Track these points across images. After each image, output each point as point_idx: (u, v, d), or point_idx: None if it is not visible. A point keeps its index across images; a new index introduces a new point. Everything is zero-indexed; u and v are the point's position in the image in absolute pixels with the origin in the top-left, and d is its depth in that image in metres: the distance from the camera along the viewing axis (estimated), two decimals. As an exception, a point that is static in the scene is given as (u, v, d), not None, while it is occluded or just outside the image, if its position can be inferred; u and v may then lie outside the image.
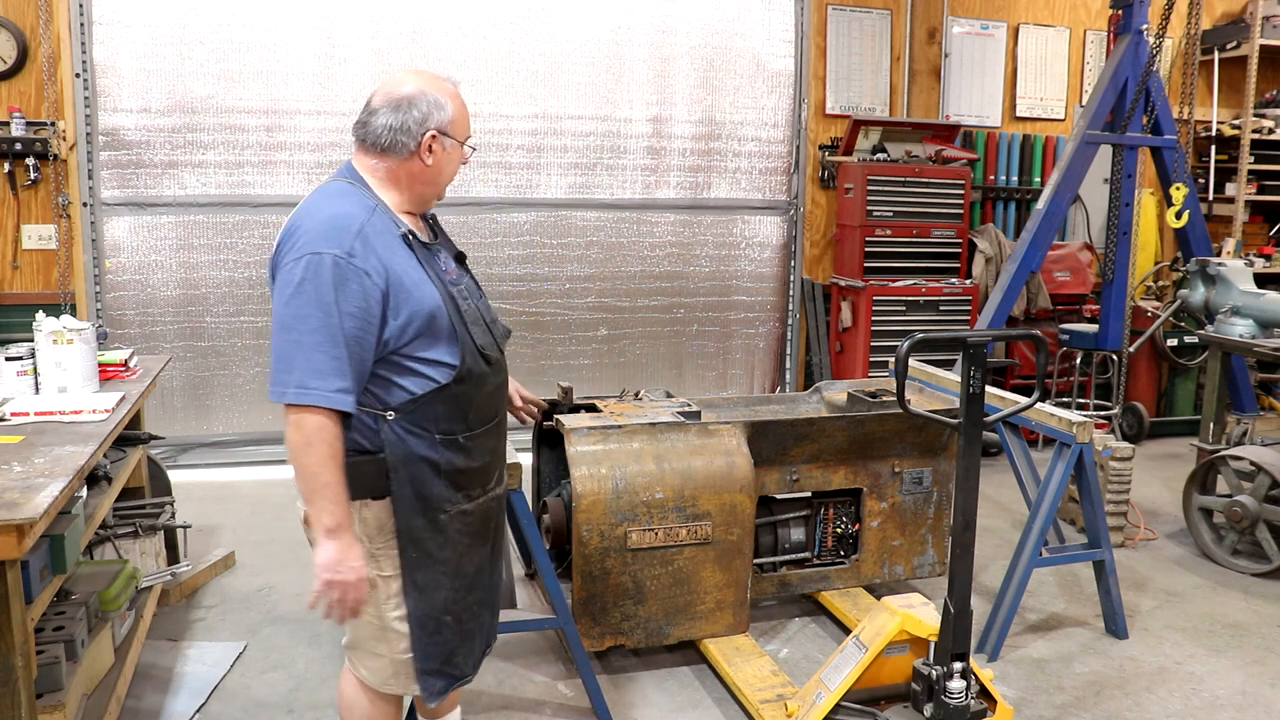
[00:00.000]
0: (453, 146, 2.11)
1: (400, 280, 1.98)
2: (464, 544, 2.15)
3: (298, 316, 1.91)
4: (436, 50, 5.52)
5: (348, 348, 1.92)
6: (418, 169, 2.08)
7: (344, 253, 1.92)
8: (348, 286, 1.91)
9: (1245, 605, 3.91)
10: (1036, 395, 2.58)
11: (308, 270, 1.92)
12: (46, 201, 5.05)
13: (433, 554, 2.10)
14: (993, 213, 6.55)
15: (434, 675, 2.15)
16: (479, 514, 2.18)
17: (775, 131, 6.20)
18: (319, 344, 1.90)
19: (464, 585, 2.17)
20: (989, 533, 4.61)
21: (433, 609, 2.12)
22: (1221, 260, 5.11)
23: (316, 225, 1.96)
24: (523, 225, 5.83)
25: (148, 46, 5.13)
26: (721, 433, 3.26)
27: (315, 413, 1.90)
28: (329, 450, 1.92)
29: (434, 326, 2.02)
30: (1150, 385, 6.54)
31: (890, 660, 2.60)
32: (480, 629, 2.26)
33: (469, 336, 2.08)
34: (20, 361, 2.89)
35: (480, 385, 2.11)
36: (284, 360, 1.92)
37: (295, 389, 1.89)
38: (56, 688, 2.53)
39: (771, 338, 6.43)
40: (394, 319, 1.98)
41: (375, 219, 2.01)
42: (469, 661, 2.23)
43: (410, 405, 2.02)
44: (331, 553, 1.95)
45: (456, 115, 2.10)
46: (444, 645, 2.15)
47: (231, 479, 5.28)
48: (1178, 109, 5.67)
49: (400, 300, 1.98)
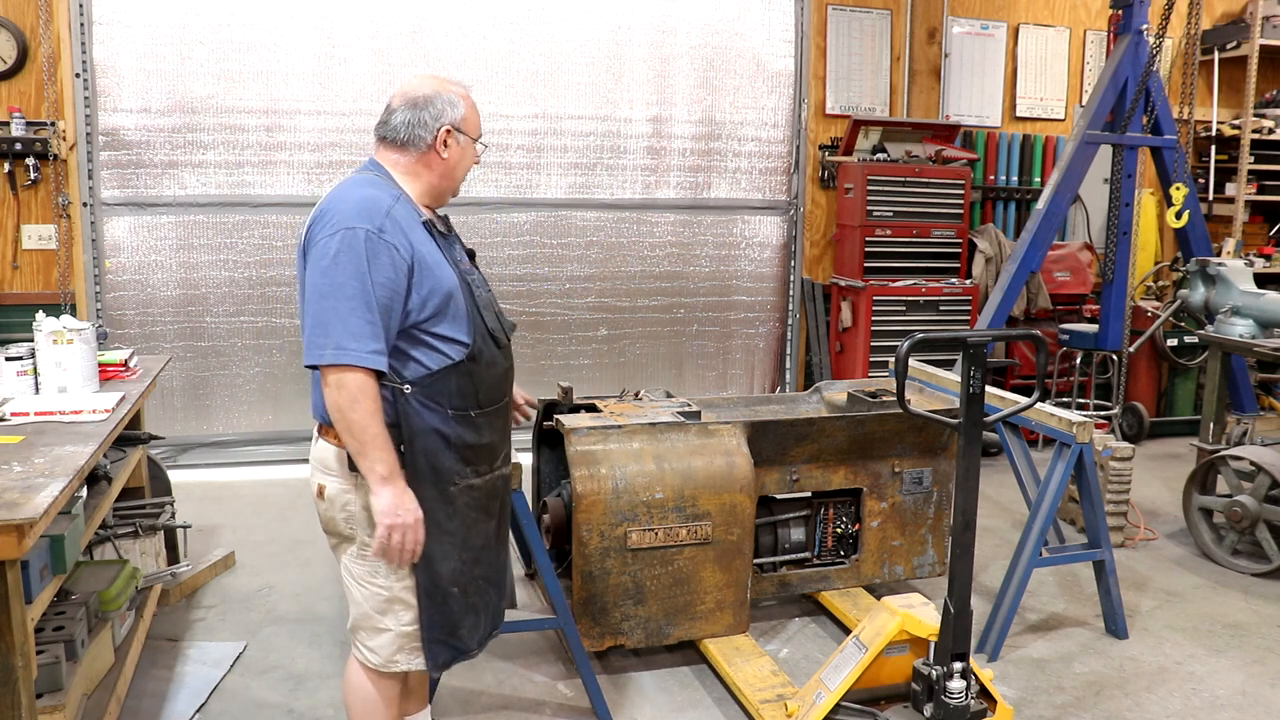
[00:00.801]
0: (466, 142, 2.27)
1: (424, 258, 2.12)
2: (471, 517, 2.27)
3: (334, 284, 2.03)
4: (436, 50, 5.52)
5: (380, 314, 2.04)
6: (434, 162, 2.24)
7: (375, 228, 2.06)
8: (379, 259, 2.05)
9: (1245, 605, 3.91)
10: (1036, 395, 2.58)
11: (343, 243, 2.04)
12: (46, 201, 5.05)
13: (442, 525, 2.20)
14: (993, 213, 6.55)
15: (440, 645, 2.26)
16: (486, 490, 2.30)
17: (775, 131, 6.20)
18: (354, 309, 2.02)
19: (470, 558, 2.28)
20: (989, 533, 4.61)
21: (440, 579, 2.22)
22: (1221, 260, 5.11)
23: (349, 206, 2.10)
24: (523, 225, 5.83)
25: (148, 46, 5.13)
26: (721, 433, 3.26)
27: (355, 371, 2.02)
28: (373, 404, 2.04)
29: (451, 305, 2.16)
30: (1150, 385, 6.54)
31: (890, 660, 2.60)
32: (485, 606, 2.35)
33: (481, 319, 2.22)
34: (20, 361, 2.89)
35: (491, 366, 2.25)
36: (321, 325, 2.04)
37: (334, 350, 2.01)
38: (56, 688, 2.53)
39: (771, 338, 6.43)
40: (417, 293, 2.11)
41: (400, 205, 2.15)
42: (473, 636, 2.32)
43: (427, 379, 2.14)
44: (389, 498, 2.07)
45: (469, 113, 2.28)
46: (450, 616, 2.25)
47: (231, 479, 5.28)
48: (1178, 109, 5.67)
49: (423, 276, 2.11)
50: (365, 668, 2.30)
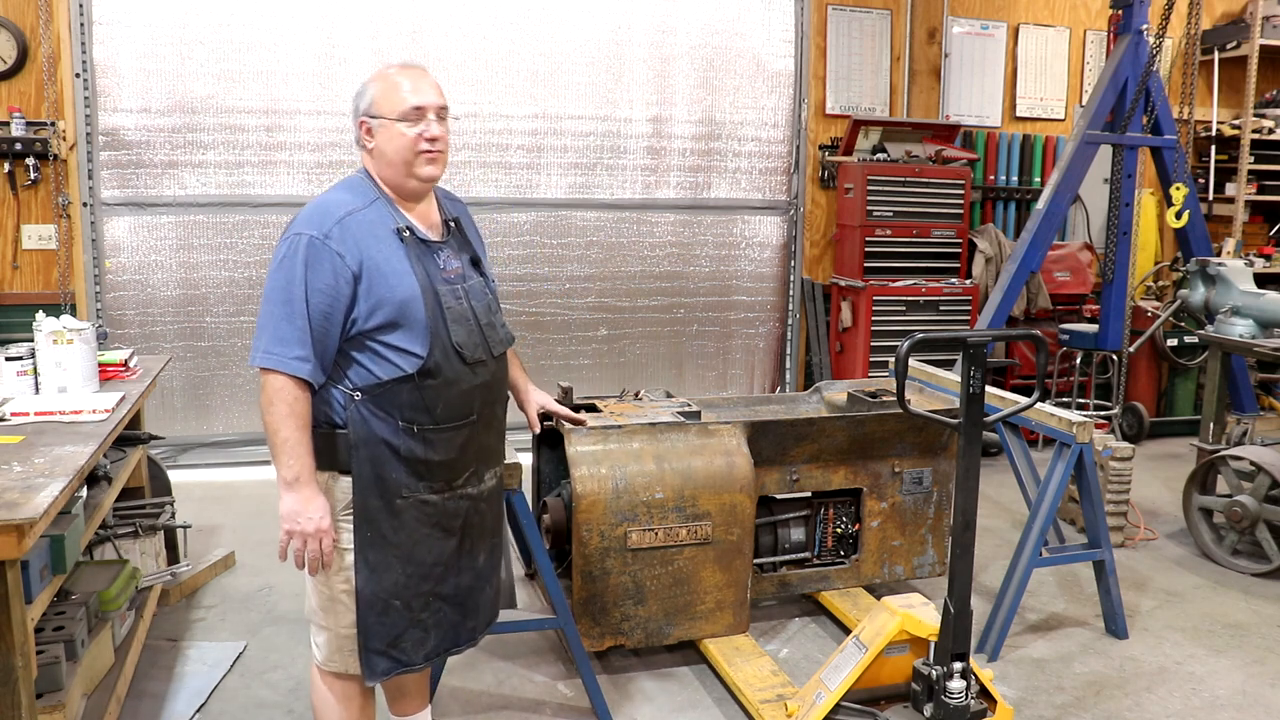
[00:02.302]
0: (386, 124, 2.17)
1: (377, 266, 2.11)
2: (421, 533, 2.21)
3: (273, 288, 2.10)
4: (436, 50, 5.52)
5: (312, 321, 2.07)
6: (374, 155, 2.22)
7: (321, 234, 2.09)
8: (320, 265, 2.08)
9: (1245, 605, 3.91)
10: (1036, 395, 2.58)
11: (289, 249, 2.10)
12: (46, 201, 5.05)
13: (386, 536, 2.18)
14: (993, 213, 6.55)
15: (379, 655, 2.22)
16: (442, 508, 2.24)
17: (775, 131, 6.20)
18: (286, 315, 2.07)
19: (418, 574, 2.22)
20: (989, 533, 4.61)
21: (381, 590, 2.19)
22: (1221, 260, 5.11)
23: (308, 211, 2.15)
24: (523, 225, 5.83)
25: (148, 46, 5.13)
26: (721, 433, 3.26)
27: (276, 375, 2.07)
28: (287, 409, 2.08)
29: (405, 315, 2.12)
30: (1150, 385, 6.54)
31: (890, 660, 2.60)
32: (438, 623, 2.28)
33: (444, 332, 2.16)
34: (20, 361, 2.89)
35: (453, 382, 2.19)
36: (259, 328, 2.11)
37: (262, 354, 2.08)
38: (56, 688, 2.53)
39: (771, 338, 6.43)
40: (364, 301, 2.10)
41: (371, 210, 2.15)
42: (419, 651, 2.27)
43: (375, 389, 2.14)
44: (290, 504, 2.13)
45: (378, 95, 2.19)
46: (391, 628, 2.21)
47: (231, 479, 5.28)
48: (1178, 109, 5.66)
49: (373, 284, 2.10)
50: (317, 667, 2.30)
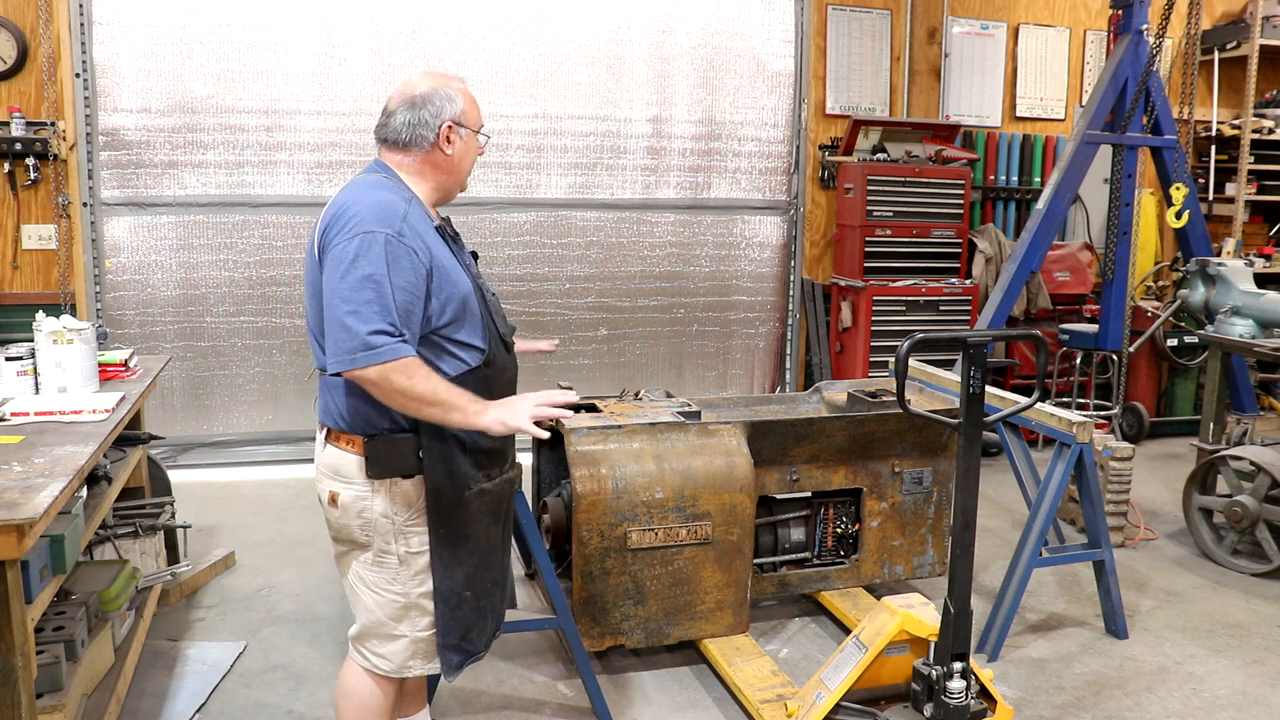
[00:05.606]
0: (468, 136, 2.27)
1: (441, 263, 2.12)
2: (484, 521, 2.28)
3: (354, 288, 2.00)
4: (436, 50, 5.52)
5: (400, 318, 2.02)
6: (440, 159, 2.24)
7: (394, 232, 2.04)
8: (400, 263, 2.03)
9: (1245, 605, 3.91)
10: (1036, 395, 2.58)
11: (361, 247, 2.02)
12: (46, 201, 5.05)
13: (457, 530, 2.21)
14: (993, 213, 6.55)
15: (453, 650, 2.26)
16: (496, 493, 2.31)
17: (775, 131, 6.20)
18: (377, 313, 1.99)
19: (482, 562, 2.29)
20: (989, 533, 4.61)
21: (455, 584, 2.23)
22: (1221, 260, 5.10)
23: (366, 209, 2.07)
24: (523, 225, 5.83)
25: (148, 46, 5.13)
26: (721, 433, 3.26)
27: (389, 363, 1.98)
28: (423, 371, 2.02)
29: (467, 310, 2.16)
30: (1150, 385, 6.54)
31: (890, 660, 2.60)
32: (492, 608, 2.37)
33: (494, 324, 2.24)
34: (20, 361, 2.89)
35: (503, 370, 2.28)
36: (345, 330, 1.99)
37: (363, 353, 1.98)
38: (56, 688, 2.53)
39: (771, 338, 6.43)
40: (436, 298, 2.10)
41: (413, 209, 2.15)
42: (482, 638, 2.34)
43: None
44: (496, 414, 2.07)
45: (468, 107, 2.26)
46: (463, 620, 2.26)
47: (231, 479, 5.28)
48: (1178, 109, 5.67)
49: (441, 280, 2.11)
50: (371, 674, 2.29)
